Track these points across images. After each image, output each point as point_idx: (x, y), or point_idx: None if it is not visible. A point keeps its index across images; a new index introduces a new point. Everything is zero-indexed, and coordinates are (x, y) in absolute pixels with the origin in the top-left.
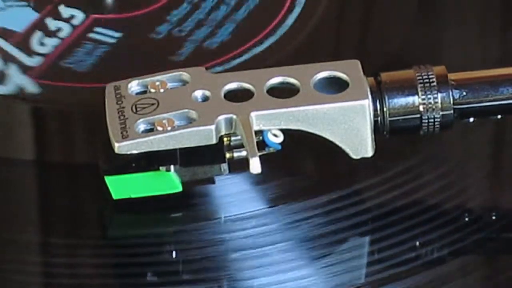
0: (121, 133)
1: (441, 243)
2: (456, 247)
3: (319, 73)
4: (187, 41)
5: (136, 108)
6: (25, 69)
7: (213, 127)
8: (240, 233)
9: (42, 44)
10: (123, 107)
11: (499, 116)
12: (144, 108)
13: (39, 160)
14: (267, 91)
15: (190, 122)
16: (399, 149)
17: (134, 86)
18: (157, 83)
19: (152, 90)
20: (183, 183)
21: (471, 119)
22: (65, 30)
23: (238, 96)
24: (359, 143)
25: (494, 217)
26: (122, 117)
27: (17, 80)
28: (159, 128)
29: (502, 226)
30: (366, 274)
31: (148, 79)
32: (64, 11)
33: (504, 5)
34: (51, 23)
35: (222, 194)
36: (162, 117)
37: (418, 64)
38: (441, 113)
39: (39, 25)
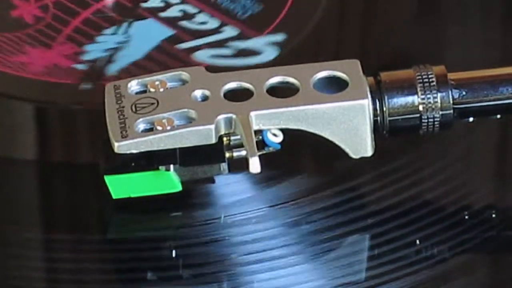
0: (121, 132)
1: (442, 243)
2: (457, 246)
3: (319, 73)
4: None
5: (135, 108)
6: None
7: (212, 126)
8: (239, 233)
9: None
10: (123, 107)
11: (498, 116)
12: (143, 107)
13: (39, 160)
14: (267, 91)
15: (189, 121)
16: (398, 148)
17: (133, 85)
18: (157, 82)
19: (152, 90)
20: (182, 183)
21: (471, 119)
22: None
23: (238, 96)
24: (359, 143)
25: (495, 216)
26: (121, 117)
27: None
28: (159, 128)
29: (503, 225)
30: (366, 274)
31: (148, 79)
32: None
33: (504, 5)
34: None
35: (221, 193)
36: (162, 116)
37: (418, 64)
38: (440, 112)
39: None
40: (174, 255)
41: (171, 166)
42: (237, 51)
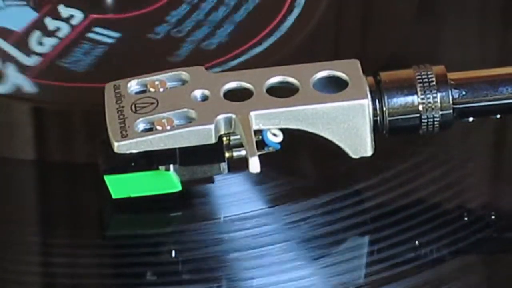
0: (121, 132)
1: (441, 243)
2: (455, 247)
3: (319, 73)
4: (185, 42)
5: (135, 108)
6: (23, 69)
7: (212, 126)
8: (239, 233)
9: (40, 43)
10: (123, 107)
11: (498, 116)
12: (143, 107)
13: (38, 160)
14: (267, 91)
15: (189, 121)
16: (398, 148)
17: (133, 85)
18: (157, 82)
19: (152, 90)
20: (182, 183)
21: (471, 119)
22: (64, 29)
23: (238, 96)
24: (359, 143)
25: (493, 217)
26: (121, 117)
27: (15, 80)
28: (159, 128)
29: (502, 226)
30: (366, 274)
31: (148, 79)
32: (64, 10)
33: (504, 5)
34: (50, 23)
35: (221, 193)
36: (162, 116)
37: (418, 64)
38: (440, 112)
39: (38, 24)
40: (173, 255)
41: (171, 166)
42: None
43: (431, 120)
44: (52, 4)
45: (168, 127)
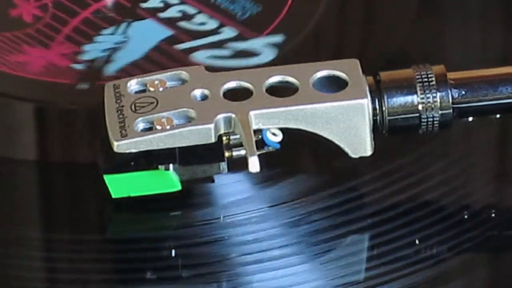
0: (120, 132)
1: (442, 243)
2: (457, 246)
3: (318, 72)
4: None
5: (135, 107)
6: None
7: (212, 126)
8: (239, 233)
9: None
10: (122, 106)
11: (497, 116)
12: (143, 107)
13: (38, 160)
14: (266, 90)
15: (189, 121)
16: (398, 148)
17: (133, 85)
18: (156, 82)
19: (151, 89)
20: (182, 182)
21: (470, 119)
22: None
23: (237, 95)
24: (358, 142)
25: (494, 216)
26: (121, 116)
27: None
28: (158, 127)
29: (503, 225)
30: (366, 274)
31: (147, 78)
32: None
33: (504, 5)
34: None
35: (221, 193)
36: (161, 116)
37: (417, 64)
38: (440, 112)
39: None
40: (173, 254)
41: (171, 166)
42: (236, 52)
43: (431, 119)
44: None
45: (168, 127)
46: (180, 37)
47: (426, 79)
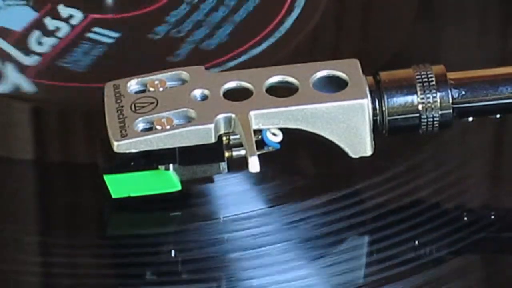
0: (120, 132)
1: (441, 243)
2: (455, 247)
3: (318, 72)
4: (185, 42)
5: (135, 107)
6: (22, 68)
7: (212, 126)
8: (239, 233)
9: (40, 43)
10: (122, 106)
11: (497, 116)
12: (143, 107)
13: (38, 160)
14: (266, 90)
15: (189, 121)
16: (398, 148)
17: (133, 85)
18: (156, 82)
19: (151, 89)
20: (182, 182)
21: (470, 119)
22: (64, 29)
23: (237, 95)
24: (358, 142)
25: (493, 217)
26: (121, 116)
27: (14, 79)
28: (158, 127)
29: (501, 226)
30: (365, 274)
31: (147, 78)
32: (63, 10)
33: (504, 5)
34: (50, 23)
35: (221, 193)
36: (161, 116)
37: (417, 64)
38: (440, 112)
39: (37, 24)
40: (173, 254)
41: (171, 166)
42: None
43: (431, 119)
44: (52, 4)
45: (168, 127)
46: None
47: (426, 79)
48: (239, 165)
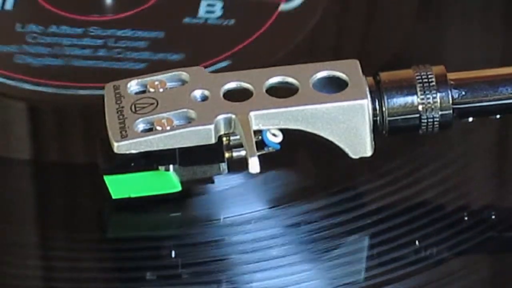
0: (120, 132)
1: (442, 244)
2: (457, 247)
3: (318, 73)
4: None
5: (135, 108)
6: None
7: (212, 126)
8: (239, 234)
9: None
10: (122, 107)
11: (498, 116)
12: (143, 107)
13: (37, 160)
14: (266, 91)
15: (189, 121)
16: (398, 149)
17: (133, 85)
18: (156, 82)
19: (151, 90)
20: (182, 183)
21: (470, 119)
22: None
23: (237, 96)
24: (358, 143)
25: (495, 217)
26: (121, 117)
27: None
28: (158, 128)
29: (503, 226)
30: (367, 275)
31: (147, 79)
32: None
33: (504, 5)
34: None
35: (221, 194)
36: (161, 116)
37: (417, 64)
38: (440, 112)
39: None
40: (173, 255)
41: (171, 166)
42: None
43: (431, 120)
44: None
45: (168, 127)
46: None
47: (426, 80)
48: (239, 165)
